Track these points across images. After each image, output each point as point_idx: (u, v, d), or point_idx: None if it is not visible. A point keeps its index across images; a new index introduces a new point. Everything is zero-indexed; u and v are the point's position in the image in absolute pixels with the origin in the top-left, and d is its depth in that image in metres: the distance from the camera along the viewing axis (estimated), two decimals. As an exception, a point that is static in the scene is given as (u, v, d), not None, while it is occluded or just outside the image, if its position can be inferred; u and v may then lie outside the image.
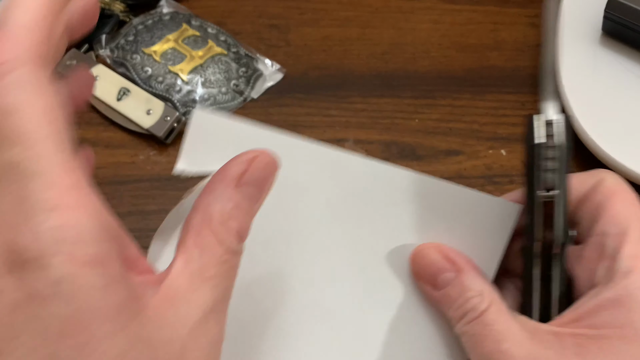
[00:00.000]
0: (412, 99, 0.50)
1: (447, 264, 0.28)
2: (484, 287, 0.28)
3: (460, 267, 0.28)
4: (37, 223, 0.18)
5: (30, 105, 0.19)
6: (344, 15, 0.55)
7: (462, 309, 0.27)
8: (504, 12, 0.55)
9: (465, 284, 0.28)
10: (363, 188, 0.30)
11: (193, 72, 0.49)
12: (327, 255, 0.30)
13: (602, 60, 0.47)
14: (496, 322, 0.27)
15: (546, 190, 0.27)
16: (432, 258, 0.29)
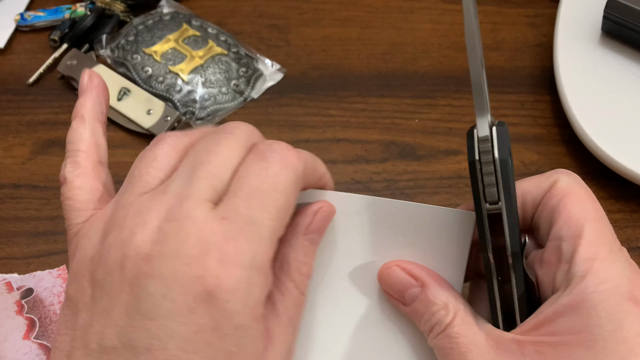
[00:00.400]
0: (412, 98, 0.50)
1: (411, 280, 0.29)
2: (449, 298, 0.28)
3: (424, 282, 0.28)
4: (235, 271, 0.24)
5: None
6: (344, 15, 0.55)
7: (429, 323, 0.28)
8: (504, 12, 0.55)
9: (430, 297, 0.28)
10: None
11: (193, 72, 0.49)
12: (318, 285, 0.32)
13: (602, 60, 0.48)
14: (461, 335, 0.27)
15: (490, 203, 0.27)
16: (396, 276, 0.29)
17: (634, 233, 0.43)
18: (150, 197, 0.26)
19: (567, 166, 0.46)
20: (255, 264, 0.24)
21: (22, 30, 0.53)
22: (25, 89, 0.50)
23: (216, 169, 0.26)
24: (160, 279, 0.24)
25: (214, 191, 0.25)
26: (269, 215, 0.25)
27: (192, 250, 0.24)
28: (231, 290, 0.24)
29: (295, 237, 0.28)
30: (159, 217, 0.25)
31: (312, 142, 0.47)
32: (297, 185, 0.26)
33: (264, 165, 0.26)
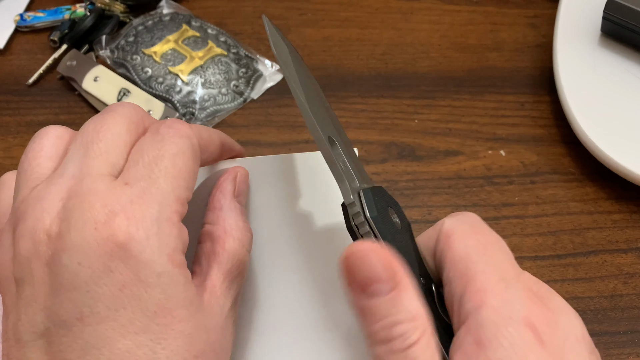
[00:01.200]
0: (412, 99, 0.50)
1: (385, 274, 0.24)
2: (419, 311, 0.24)
3: (399, 282, 0.24)
4: (143, 223, 0.25)
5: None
6: (344, 15, 0.55)
7: (387, 333, 0.24)
8: (504, 13, 0.55)
9: (399, 303, 0.24)
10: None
11: (193, 72, 0.49)
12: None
13: (601, 61, 0.48)
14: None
15: None
16: (369, 264, 0.24)
17: (633, 234, 0.43)
18: (47, 183, 0.26)
19: (566, 166, 0.46)
20: (164, 215, 0.25)
21: (21, 30, 0.53)
22: (24, 90, 0.50)
23: (108, 145, 0.27)
24: (72, 249, 0.24)
25: (111, 166, 0.27)
26: (170, 174, 0.26)
27: (98, 216, 0.25)
28: (143, 241, 0.24)
29: (226, 201, 0.31)
30: (61, 198, 0.26)
31: (312, 143, 0.47)
32: (193, 151, 0.28)
33: (158, 138, 0.27)
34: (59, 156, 0.28)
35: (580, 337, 0.25)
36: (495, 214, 0.44)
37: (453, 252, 0.26)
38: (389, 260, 0.24)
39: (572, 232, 0.43)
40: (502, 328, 0.23)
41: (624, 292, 0.41)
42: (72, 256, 0.24)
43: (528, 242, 0.43)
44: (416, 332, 0.23)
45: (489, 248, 0.26)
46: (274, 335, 0.33)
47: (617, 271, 0.41)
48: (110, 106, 0.29)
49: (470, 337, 0.24)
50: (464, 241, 0.26)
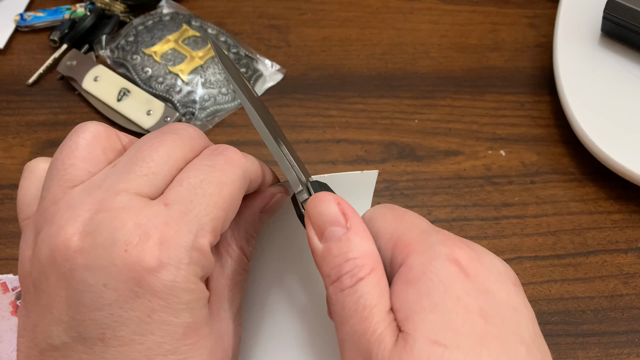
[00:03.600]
0: (412, 99, 0.50)
1: (340, 218, 0.26)
2: (369, 250, 0.26)
3: (352, 225, 0.26)
4: (175, 252, 0.24)
5: None
6: (344, 15, 0.55)
7: (338, 270, 0.25)
8: (504, 13, 0.55)
9: (351, 242, 0.26)
10: None
11: (193, 72, 0.49)
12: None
13: (601, 60, 0.48)
14: (369, 297, 0.25)
15: None
16: (328, 207, 0.27)
17: (633, 234, 0.43)
18: (83, 191, 0.25)
19: (566, 166, 0.46)
20: (196, 245, 0.24)
21: (21, 30, 0.53)
22: (24, 90, 0.50)
23: (159, 166, 0.26)
24: (98, 269, 0.23)
25: (153, 188, 0.25)
26: (212, 203, 0.25)
27: (130, 236, 0.24)
28: (173, 270, 0.24)
29: (249, 212, 0.30)
30: (90, 209, 0.24)
31: (311, 143, 0.47)
32: (243, 181, 0.27)
33: (209, 164, 0.26)
34: (94, 158, 0.27)
35: (503, 272, 0.26)
36: (495, 214, 0.44)
37: (377, 227, 0.27)
38: (345, 206, 0.27)
39: (572, 232, 0.43)
40: (428, 265, 0.25)
41: (624, 292, 0.41)
42: (98, 276, 0.23)
43: (528, 242, 0.43)
44: (364, 268, 0.25)
45: (405, 216, 0.27)
46: (281, 340, 0.34)
47: (617, 271, 0.41)
48: (174, 126, 0.28)
49: (400, 280, 0.25)
50: (383, 217, 0.28)
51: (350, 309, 0.25)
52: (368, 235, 0.26)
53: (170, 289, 0.24)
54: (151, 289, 0.24)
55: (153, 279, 0.23)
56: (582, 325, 0.39)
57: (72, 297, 0.24)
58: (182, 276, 0.24)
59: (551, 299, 0.40)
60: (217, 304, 0.28)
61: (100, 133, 0.27)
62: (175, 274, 0.24)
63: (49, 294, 0.24)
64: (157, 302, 0.24)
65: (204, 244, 0.25)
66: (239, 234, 0.29)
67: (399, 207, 0.28)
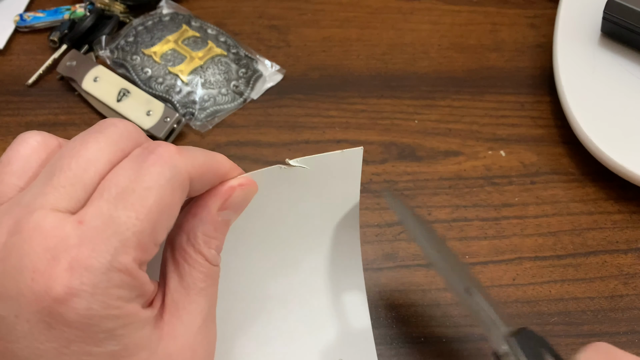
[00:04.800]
0: (412, 99, 0.50)
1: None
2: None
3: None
4: (88, 276, 0.22)
5: None
6: (344, 16, 0.55)
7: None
8: (504, 13, 0.55)
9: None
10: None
11: (193, 73, 0.49)
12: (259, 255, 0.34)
13: (601, 61, 0.48)
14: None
15: None
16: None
17: (633, 234, 0.43)
18: (3, 210, 0.23)
19: (566, 167, 0.46)
20: (116, 265, 0.22)
21: (21, 31, 0.53)
22: (24, 90, 0.50)
23: (77, 176, 0.23)
24: (8, 299, 0.22)
25: (72, 200, 0.23)
26: (135, 215, 0.22)
27: (37, 262, 0.21)
28: (87, 297, 0.21)
29: (205, 212, 0.26)
30: (6, 232, 0.22)
31: (311, 143, 0.47)
32: (177, 184, 0.24)
33: (135, 166, 0.23)
34: (31, 173, 0.25)
35: None
36: (496, 215, 0.44)
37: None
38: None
39: (572, 233, 0.43)
40: None
41: (624, 292, 0.41)
42: (9, 307, 0.22)
43: (528, 242, 0.43)
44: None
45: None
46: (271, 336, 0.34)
47: (617, 272, 0.41)
48: (102, 123, 0.25)
49: None
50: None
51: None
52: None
53: (86, 318, 0.22)
54: (63, 319, 0.21)
55: (64, 309, 0.21)
56: (582, 326, 0.39)
57: None
58: (99, 302, 0.22)
59: (551, 299, 0.40)
60: (172, 321, 0.25)
61: (39, 144, 0.25)
62: (90, 301, 0.21)
63: None
64: (73, 332, 0.22)
65: (126, 262, 0.22)
66: (195, 238, 0.26)
67: (615, 350, 0.26)
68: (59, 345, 0.22)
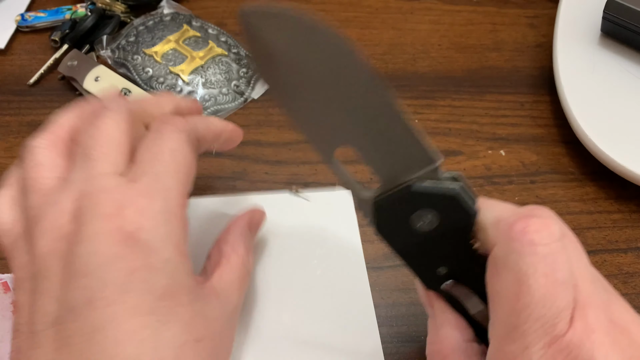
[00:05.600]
0: (412, 99, 0.50)
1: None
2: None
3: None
4: (152, 215, 0.27)
5: None
6: (344, 16, 0.55)
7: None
8: (504, 13, 0.56)
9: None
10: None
11: (194, 72, 0.49)
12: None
13: (601, 60, 0.48)
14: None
15: None
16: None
17: (633, 233, 0.43)
18: (57, 191, 0.28)
19: (566, 166, 0.46)
20: (169, 209, 0.27)
21: (22, 30, 0.53)
22: (26, 90, 0.50)
23: (105, 147, 0.28)
24: (86, 240, 0.26)
25: (114, 165, 0.28)
26: (172, 169, 0.29)
27: (109, 209, 0.26)
28: (152, 230, 0.26)
29: (240, 228, 0.35)
30: (72, 199, 0.27)
31: (312, 143, 0.47)
32: (190, 144, 0.30)
33: (157, 135, 0.30)
34: (60, 163, 0.29)
35: None
36: (495, 214, 0.44)
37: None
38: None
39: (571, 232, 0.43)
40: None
41: (623, 291, 0.41)
42: (85, 247, 0.26)
43: (528, 241, 0.43)
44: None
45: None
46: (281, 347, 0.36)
47: (616, 271, 0.42)
48: (101, 108, 0.30)
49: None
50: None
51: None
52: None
53: (149, 248, 0.26)
54: (132, 249, 0.26)
55: (132, 240, 0.26)
56: (581, 325, 0.39)
57: (67, 272, 0.26)
58: (160, 236, 0.27)
59: (551, 298, 0.40)
60: (211, 294, 0.30)
61: (50, 139, 0.30)
62: (154, 234, 0.26)
63: (49, 278, 0.26)
64: (138, 260, 0.26)
65: (175, 206, 0.28)
66: (235, 243, 0.34)
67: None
68: (124, 273, 0.25)
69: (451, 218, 0.28)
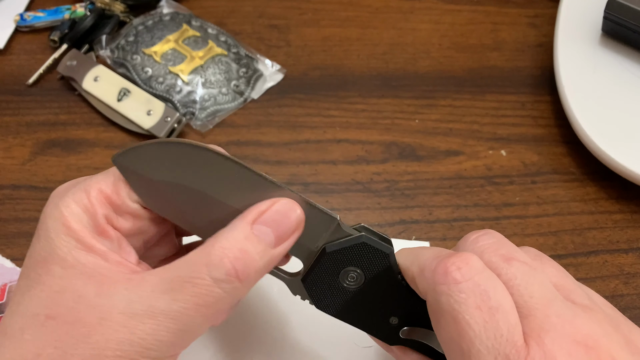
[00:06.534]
0: (412, 99, 0.50)
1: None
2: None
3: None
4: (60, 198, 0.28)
5: None
6: (344, 15, 0.55)
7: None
8: (504, 13, 0.55)
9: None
10: None
11: (193, 72, 0.49)
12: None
13: (602, 60, 0.48)
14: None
15: None
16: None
17: (634, 234, 0.43)
18: None
19: (567, 166, 0.46)
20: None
21: (21, 30, 0.53)
22: (25, 90, 0.50)
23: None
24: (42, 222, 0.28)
25: None
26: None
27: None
28: (56, 210, 0.27)
29: (239, 222, 0.26)
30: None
31: (312, 143, 0.47)
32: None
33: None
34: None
35: None
36: (496, 214, 0.44)
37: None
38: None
39: (572, 232, 0.43)
40: None
41: (624, 292, 0.41)
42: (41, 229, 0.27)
43: (529, 242, 0.42)
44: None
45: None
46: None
47: (617, 271, 0.41)
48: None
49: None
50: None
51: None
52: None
53: (45, 217, 0.27)
54: (43, 215, 0.27)
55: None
56: (583, 326, 0.39)
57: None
58: (53, 204, 0.27)
59: (552, 299, 0.40)
60: (122, 278, 0.26)
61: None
62: (51, 205, 0.28)
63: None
64: (41, 226, 0.27)
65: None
66: (212, 246, 0.26)
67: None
68: (38, 233, 0.27)
69: (371, 264, 0.29)
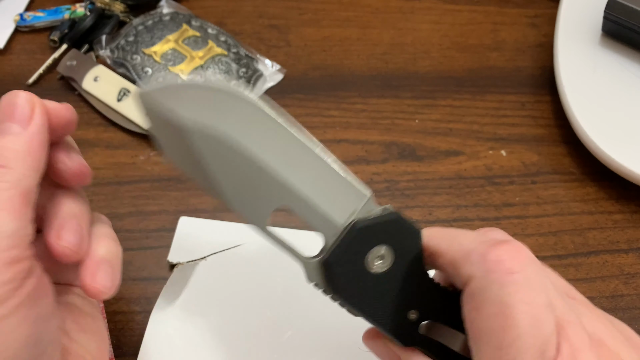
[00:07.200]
0: (412, 99, 0.50)
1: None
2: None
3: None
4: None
5: None
6: (344, 15, 0.55)
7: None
8: (504, 13, 0.55)
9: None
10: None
11: (193, 72, 0.49)
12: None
13: (602, 60, 0.48)
14: None
15: None
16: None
17: (634, 234, 0.43)
18: None
19: (567, 167, 0.46)
20: None
21: (21, 30, 0.53)
22: (24, 90, 0.49)
23: None
24: None
25: None
26: None
27: None
28: None
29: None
30: None
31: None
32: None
33: None
34: None
35: None
36: (496, 214, 0.44)
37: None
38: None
39: (573, 232, 0.43)
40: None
41: (625, 292, 0.41)
42: None
43: (529, 242, 0.42)
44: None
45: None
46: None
47: (618, 271, 0.41)
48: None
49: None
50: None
51: None
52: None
53: None
54: None
55: None
56: (583, 326, 0.39)
57: None
58: None
59: (552, 299, 0.40)
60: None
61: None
62: None
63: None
64: None
65: None
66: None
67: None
68: None
69: (402, 243, 0.27)
